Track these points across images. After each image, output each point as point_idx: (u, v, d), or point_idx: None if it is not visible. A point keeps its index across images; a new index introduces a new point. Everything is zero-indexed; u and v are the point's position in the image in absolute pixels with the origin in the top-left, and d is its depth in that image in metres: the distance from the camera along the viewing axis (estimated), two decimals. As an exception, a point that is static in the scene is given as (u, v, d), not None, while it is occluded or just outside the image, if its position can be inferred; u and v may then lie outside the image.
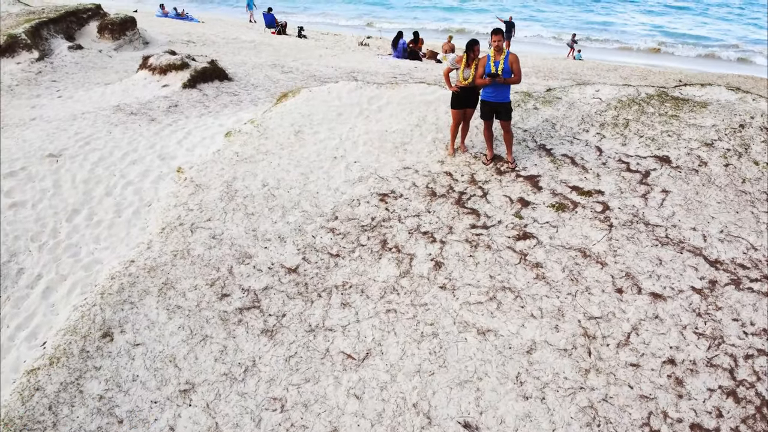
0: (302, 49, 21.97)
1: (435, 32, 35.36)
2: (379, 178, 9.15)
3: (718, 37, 33.31)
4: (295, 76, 15.63)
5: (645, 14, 38.36)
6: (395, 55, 21.35)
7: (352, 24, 38.09)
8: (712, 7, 39.91)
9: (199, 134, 10.84)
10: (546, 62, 24.32)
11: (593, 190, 8.36)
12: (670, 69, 25.42)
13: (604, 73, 20.61)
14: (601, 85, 11.26)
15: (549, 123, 10.17)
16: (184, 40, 21.12)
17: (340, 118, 10.79)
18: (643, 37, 33.22)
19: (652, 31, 34.37)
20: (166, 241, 7.89)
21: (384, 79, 15.58)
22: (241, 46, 20.87)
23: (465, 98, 9.14)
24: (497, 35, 8.49)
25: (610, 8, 39.61)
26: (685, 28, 35.32)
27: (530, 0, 43.47)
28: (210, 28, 26.88)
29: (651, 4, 41.42)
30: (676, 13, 38.61)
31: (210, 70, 14.13)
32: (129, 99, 13.01)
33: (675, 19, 37.10)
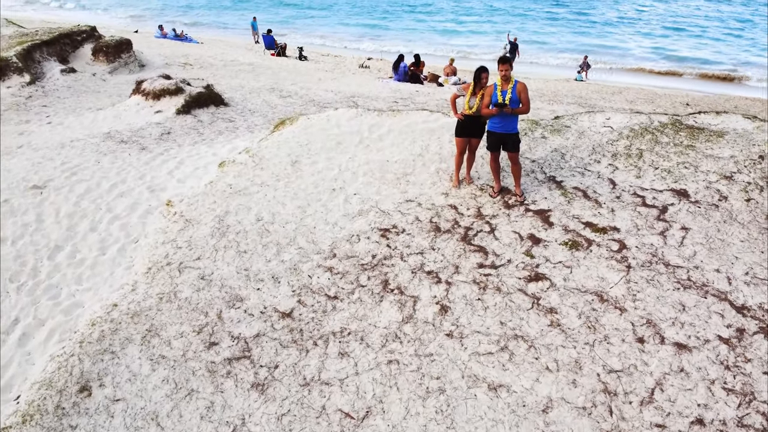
0: (301, 72, 21.62)
1: (434, 56, 35.18)
2: (379, 211, 8.66)
3: (719, 58, 33.09)
4: (294, 101, 15.21)
5: (643, 36, 38.15)
6: (396, 78, 20.99)
7: (352, 45, 37.87)
8: (710, 29, 39.73)
9: (192, 164, 10.37)
10: (549, 84, 23.97)
11: (608, 227, 7.85)
12: (674, 90, 25.05)
13: (609, 96, 20.22)
14: (612, 112, 10.81)
15: (558, 153, 9.71)
16: (181, 62, 20.76)
17: (340, 147, 10.32)
18: (642, 59, 32.98)
19: (651, 53, 34.13)
20: (152, 283, 7.37)
21: (385, 104, 15.17)
22: (239, 69, 20.51)
23: (470, 127, 8.69)
24: (504, 64, 8.05)
25: (606, 31, 39.39)
26: (685, 49, 35.10)
27: (529, 21, 43.30)
28: (208, 50, 26.58)
29: (648, 26, 41.23)
30: (674, 34, 38.39)
31: (205, 95, 13.71)
32: (120, 125, 12.56)
33: (673, 41, 36.89)
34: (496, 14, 45.24)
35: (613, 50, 35.02)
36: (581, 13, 46.16)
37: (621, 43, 36.33)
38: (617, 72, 31.41)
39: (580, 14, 45.90)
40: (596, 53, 33.82)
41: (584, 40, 36.25)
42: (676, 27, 40.73)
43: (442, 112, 11.15)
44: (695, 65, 31.74)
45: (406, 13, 45.77)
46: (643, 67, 31.43)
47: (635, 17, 44.24)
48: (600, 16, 44.56)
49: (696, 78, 29.97)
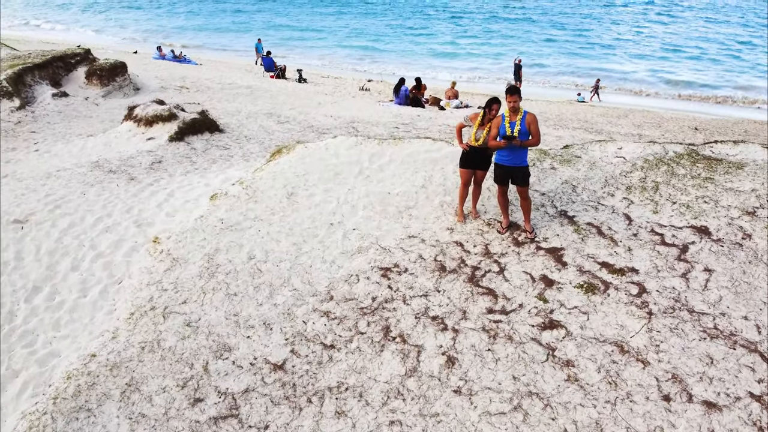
0: (300, 95, 21.22)
1: (434, 79, 34.94)
2: (380, 248, 8.12)
3: (720, 80, 32.82)
4: (292, 126, 14.75)
5: (643, 58, 37.88)
6: (397, 101, 20.58)
7: (352, 67, 37.62)
8: (710, 50, 39.51)
9: (182, 196, 9.86)
10: (552, 107, 23.56)
11: (626, 268, 7.31)
12: (680, 113, 24.66)
13: (614, 120, 19.79)
14: (624, 141, 10.32)
15: (569, 185, 9.19)
16: (178, 85, 20.36)
17: (338, 178, 9.81)
18: (643, 81, 32.68)
19: (652, 75, 33.85)
20: (134, 330, 6.81)
21: (385, 130, 14.72)
22: (237, 93, 20.10)
23: (476, 158, 8.20)
24: (513, 95, 7.57)
25: (606, 53, 39.13)
26: (686, 71, 34.85)
27: (527, 43, 43.11)
28: (206, 72, 26.24)
29: (648, 48, 41.00)
30: (674, 56, 38.15)
31: (200, 122, 13.25)
32: (110, 154, 12.08)
33: (674, 63, 36.64)
34: (494, 37, 45.03)
35: (612, 72, 34.81)
36: (580, 35, 46.01)
37: (621, 66, 36.09)
38: (620, 93, 31.10)
39: (579, 35, 45.75)
40: (597, 76, 33.52)
41: (584, 62, 35.98)
42: (675, 48, 40.57)
43: (445, 141, 10.67)
44: (698, 88, 31.46)
45: (406, 36, 45.58)
46: (646, 90, 31.11)
47: (634, 39, 44.09)
48: (598, 37, 44.38)
49: (700, 99, 29.65)
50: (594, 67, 35.06)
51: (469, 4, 60.01)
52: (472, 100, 23.51)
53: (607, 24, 49.76)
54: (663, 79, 32.32)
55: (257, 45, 35.42)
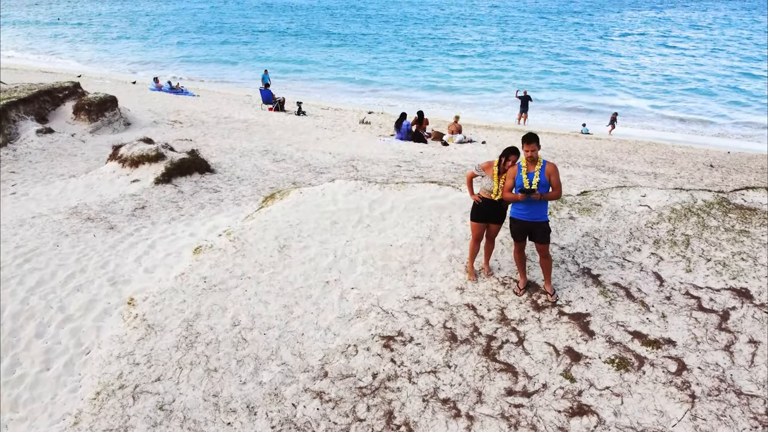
0: (299, 129, 20.50)
1: (432, 109, 34.45)
2: (382, 312, 7.24)
3: (722, 112, 32.35)
4: (288, 165, 13.96)
5: (641, 91, 37.32)
6: (398, 136, 19.85)
7: (351, 99, 37.12)
8: (710, 82, 39.03)
9: (164, 248, 9.00)
10: (558, 141, 22.83)
11: (661, 339, 6.42)
12: (688, 147, 23.96)
13: (625, 156, 19.03)
14: (647, 188, 9.50)
15: (591, 238, 8.34)
16: (171, 119, 19.65)
17: (335, 228, 8.96)
18: (645, 115, 32.16)
19: (652, 109, 33.32)
20: (99, 414, 5.89)
21: (387, 168, 13.92)
22: (232, 127, 19.38)
23: (489, 211, 7.37)
24: (531, 144, 6.78)
25: (604, 86, 38.60)
26: (687, 104, 34.34)
27: (524, 75, 42.64)
28: (203, 104, 25.60)
29: (650, 78, 40.52)
30: (674, 89, 37.62)
31: (189, 162, 12.46)
32: (91, 197, 11.26)
33: (675, 95, 36.11)
34: (491, 69, 44.57)
35: (615, 106, 34.41)
36: (577, 63, 45.62)
37: (621, 99, 35.60)
38: (623, 126, 30.53)
39: (576, 64, 45.36)
40: (600, 109, 32.99)
41: (585, 97, 35.41)
42: (674, 79, 40.13)
43: (452, 186, 9.85)
44: (700, 120, 30.98)
45: (404, 68, 45.15)
46: (649, 123, 30.58)
47: (633, 70, 43.64)
48: (597, 69, 43.90)
49: (705, 133, 29.11)
50: (595, 102, 34.53)
51: (465, 36, 59.82)
52: (475, 134, 22.80)
53: (604, 55, 49.34)
54: (664, 113, 31.70)
55: (264, 76, 34.84)
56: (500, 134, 23.94)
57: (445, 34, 62.08)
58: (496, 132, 24.89)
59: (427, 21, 74.37)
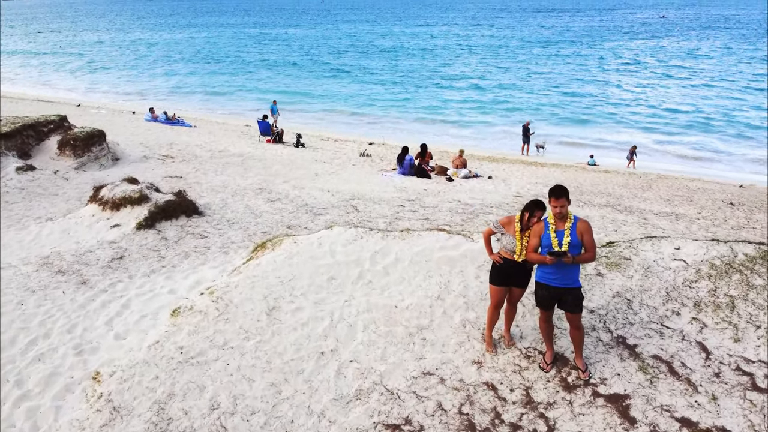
0: (296, 163, 19.59)
1: (431, 138, 33.75)
2: (386, 392, 6.20)
3: (725, 143, 31.71)
4: (283, 206, 13.00)
5: (642, 121, 36.56)
6: (401, 171, 18.93)
7: (351, 130, 36.43)
8: (709, 112, 38.33)
9: (139, 308, 7.99)
10: (566, 174, 21.92)
11: (714, 428, 5.37)
12: (700, 179, 23.07)
13: (639, 192, 18.08)
14: (681, 239, 8.51)
15: (623, 299, 7.33)
16: (163, 154, 18.76)
17: (333, 285, 7.96)
18: (649, 146, 31.47)
19: (659, 143, 32.59)
20: None
21: (389, 209, 12.96)
22: (227, 162, 18.47)
23: (511, 273, 6.37)
24: (560, 198, 5.84)
25: (604, 117, 37.89)
26: (689, 135, 33.68)
27: (524, 108, 41.98)
28: (198, 136, 24.77)
29: (646, 112, 39.76)
30: (677, 119, 36.91)
31: (175, 204, 11.50)
32: (66, 245, 10.29)
33: (681, 129, 35.39)
34: (487, 102, 43.88)
35: (618, 136, 33.81)
36: (576, 95, 44.96)
37: (624, 130, 34.94)
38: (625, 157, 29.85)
39: (576, 96, 44.67)
40: (603, 143, 32.27)
41: (586, 131, 34.62)
42: (675, 110, 39.50)
43: (462, 234, 8.86)
44: (709, 152, 30.29)
45: (403, 101, 44.49)
46: (657, 157, 29.87)
47: (632, 100, 42.98)
48: (596, 100, 43.22)
49: (714, 164, 28.46)
50: (598, 134, 33.84)
51: (464, 66, 59.36)
52: (479, 167, 21.91)
53: (604, 86, 48.68)
54: (668, 147, 30.91)
55: (272, 107, 34.20)
56: (505, 167, 23.05)
57: (442, 64, 61.65)
58: (500, 164, 24.01)
59: (423, 51, 74.16)
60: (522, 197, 15.73)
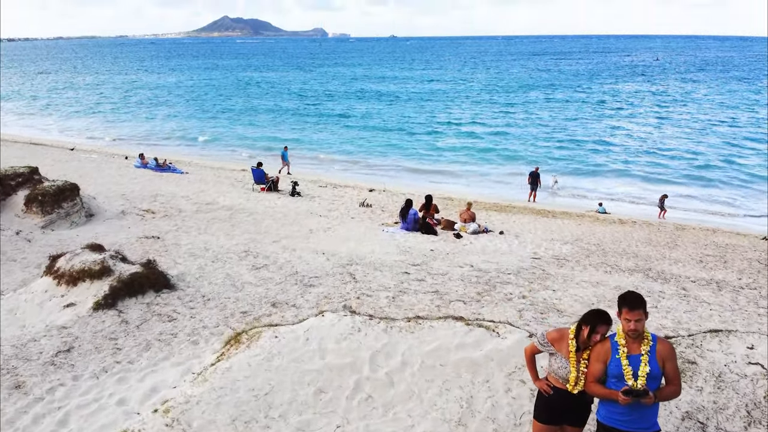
0: (290, 217, 17.98)
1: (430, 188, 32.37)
2: None
3: (734, 189, 30.51)
4: (270, 274, 11.33)
5: (647, 173, 35.09)
6: (404, 227, 17.30)
7: (349, 175, 35.08)
8: (716, 161, 36.98)
9: (78, 425, 6.26)
10: (582, 227, 20.29)
11: None
12: (719, 229, 21.50)
13: (665, 250, 16.43)
14: (752, 335, 6.83)
15: (695, 422, 5.63)
16: (143, 208, 17.16)
17: (321, 402, 6.24)
18: (658, 193, 30.10)
19: (668, 189, 31.17)
20: None
21: (392, 277, 11.29)
22: (213, 217, 16.86)
23: (562, 407, 4.68)
24: (635, 310, 4.21)
25: (605, 168, 36.46)
26: (700, 182, 32.38)
27: (522, 154, 40.60)
28: (187, 186, 23.26)
29: (650, 156, 38.47)
30: (684, 169, 35.53)
31: (142, 278, 9.84)
32: (9, 331, 8.60)
33: (687, 175, 34.04)
34: (486, 149, 42.53)
35: (624, 182, 32.64)
36: (574, 141, 43.68)
37: (629, 177, 33.66)
38: (637, 203, 28.44)
39: (574, 142, 43.37)
40: (609, 191, 30.92)
41: (589, 181, 33.19)
42: (682, 156, 38.34)
43: (485, 327, 7.16)
44: (720, 201, 29.02)
45: (400, 146, 43.16)
46: (668, 206, 28.45)
47: (635, 147, 41.64)
48: (596, 145, 41.88)
49: (722, 212, 27.19)
50: (602, 184, 32.48)
51: (460, 111, 58.08)
52: (488, 219, 20.31)
53: (603, 130, 47.31)
54: (677, 198, 29.44)
55: (283, 153, 32.91)
56: (515, 218, 21.45)
57: (440, 109, 60.61)
58: (509, 215, 22.42)
59: (420, 95, 73.44)
60: (541, 258, 14.09)
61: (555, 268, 13.08)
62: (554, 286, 11.26)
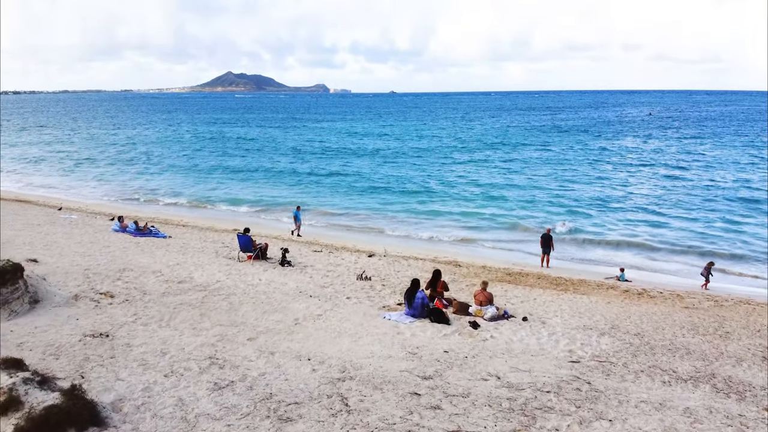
0: (274, 300, 15.37)
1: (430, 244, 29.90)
2: None
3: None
4: (235, 400, 8.63)
5: (655, 235, 32.63)
6: (409, 313, 14.63)
7: (347, 232, 32.75)
8: (726, 225, 34.59)
9: None
10: (613, 306, 17.64)
11: None
12: (758, 303, 18.91)
13: (720, 342, 13.77)
14: None
15: None
16: (102, 290, 14.56)
17: None
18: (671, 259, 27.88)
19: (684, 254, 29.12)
20: None
21: (396, 404, 8.62)
22: (182, 302, 14.23)
23: None
24: None
25: (614, 229, 34.06)
26: (712, 246, 30.04)
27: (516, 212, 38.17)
28: (164, 256, 20.73)
29: (655, 217, 36.19)
30: (702, 245, 33.23)
31: (60, 413, 7.20)
32: None
33: (699, 239, 31.70)
34: (494, 206, 40.38)
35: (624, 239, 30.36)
36: (576, 202, 41.37)
37: (642, 242, 31.35)
38: (654, 273, 25.99)
39: (576, 202, 41.05)
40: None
41: (597, 248, 30.76)
42: (695, 217, 36.20)
43: None
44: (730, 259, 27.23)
45: (394, 206, 40.80)
46: (680, 269, 26.22)
47: (641, 206, 39.40)
48: (600, 210, 39.47)
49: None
50: (610, 251, 30.04)
51: (450, 174, 55.69)
52: (506, 298, 17.70)
53: (604, 191, 44.96)
54: (693, 265, 27.03)
55: (296, 213, 30.77)
56: (535, 295, 18.84)
57: (438, 168, 58.46)
58: (526, 290, 19.82)
59: (416, 153, 71.55)
60: (580, 362, 11.46)
61: (602, 378, 10.44)
62: (609, 412, 8.61)
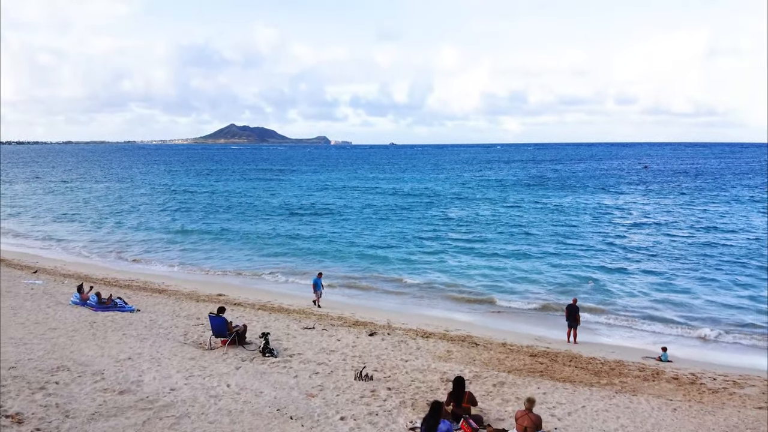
0: (240, 424, 11.39)
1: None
2: None
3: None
4: None
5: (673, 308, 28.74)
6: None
7: (340, 298, 29.16)
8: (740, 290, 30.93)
9: None
10: (680, 415, 13.67)
11: None
12: None
13: None
14: None
15: None
16: (11, 412, 10.64)
17: None
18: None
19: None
20: None
21: None
22: (114, 427, 10.30)
23: None
24: None
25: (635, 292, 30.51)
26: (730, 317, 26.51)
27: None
28: (118, 343, 16.82)
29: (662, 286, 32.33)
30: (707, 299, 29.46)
31: None
32: None
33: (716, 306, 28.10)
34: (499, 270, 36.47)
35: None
36: (582, 265, 37.57)
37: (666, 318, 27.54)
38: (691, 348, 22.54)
39: (582, 265, 37.22)
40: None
41: (608, 318, 27.09)
42: (709, 283, 32.46)
43: None
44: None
45: (399, 271, 36.75)
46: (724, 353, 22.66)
47: (651, 271, 35.74)
48: (610, 276, 35.41)
49: None
50: (623, 322, 26.43)
51: (461, 230, 52.01)
52: (550, 408, 13.72)
53: (609, 256, 40.94)
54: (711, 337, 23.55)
55: (316, 280, 27.02)
56: (581, 399, 14.86)
57: (438, 226, 54.58)
58: (567, 387, 15.87)
59: (416, 209, 68.11)
60: None
61: None
62: None
